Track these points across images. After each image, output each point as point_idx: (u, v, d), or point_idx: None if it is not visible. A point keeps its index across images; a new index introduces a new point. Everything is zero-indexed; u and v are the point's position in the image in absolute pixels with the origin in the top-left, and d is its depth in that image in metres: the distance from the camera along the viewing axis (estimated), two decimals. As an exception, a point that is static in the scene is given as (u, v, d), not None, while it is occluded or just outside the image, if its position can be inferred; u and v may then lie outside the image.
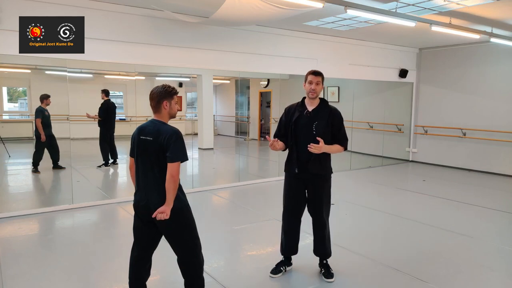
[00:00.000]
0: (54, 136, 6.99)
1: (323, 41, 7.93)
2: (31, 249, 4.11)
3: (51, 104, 7.14)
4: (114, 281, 3.42)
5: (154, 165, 2.59)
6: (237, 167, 9.42)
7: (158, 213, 2.52)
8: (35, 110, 6.99)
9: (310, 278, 3.47)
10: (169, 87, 2.68)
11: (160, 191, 2.56)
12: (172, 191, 2.52)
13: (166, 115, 2.68)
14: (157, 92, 2.65)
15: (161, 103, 2.64)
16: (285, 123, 3.39)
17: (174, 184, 2.53)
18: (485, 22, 6.46)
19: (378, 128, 9.96)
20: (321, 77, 3.30)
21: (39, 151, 7.08)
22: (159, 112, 2.66)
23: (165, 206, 2.52)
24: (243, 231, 4.71)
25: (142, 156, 2.65)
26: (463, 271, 3.67)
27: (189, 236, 2.72)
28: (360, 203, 5.95)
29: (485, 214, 5.59)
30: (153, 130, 2.61)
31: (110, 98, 8.37)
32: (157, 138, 2.56)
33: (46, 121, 6.99)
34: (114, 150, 8.25)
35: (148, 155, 2.61)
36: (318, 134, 3.22)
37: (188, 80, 11.79)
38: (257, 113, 13.52)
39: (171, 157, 2.52)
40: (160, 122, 2.65)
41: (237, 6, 4.65)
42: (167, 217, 2.52)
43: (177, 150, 2.53)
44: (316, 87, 3.26)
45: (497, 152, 8.37)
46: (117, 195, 6.73)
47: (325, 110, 3.31)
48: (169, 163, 2.52)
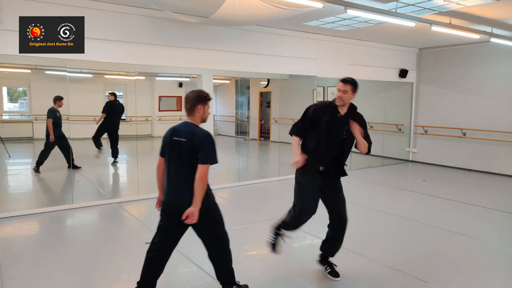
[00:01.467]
0: (65, 137, 7.01)
1: (323, 41, 7.93)
2: (31, 249, 4.11)
3: (52, 105, 7.14)
4: (114, 281, 3.42)
5: (186, 166, 2.68)
6: (237, 167, 9.42)
7: (188, 217, 2.61)
8: (48, 111, 7.01)
9: (310, 278, 3.47)
10: (205, 93, 2.81)
11: (191, 191, 2.64)
12: (200, 192, 2.62)
13: (199, 118, 2.80)
14: (192, 96, 2.78)
15: (195, 107, 2.76)
16: (310, 118, 3.29)
17: (203, 185, 2.64)
18: (485, 22, 6.46)
19: (378, 128, 9.96)
20: (349, 85, 3.20)
21: (46, 150, 7.10)
22: (192, 115, 2.79)
23: (192, 207, 2.61)
24: (243, 231, 4.71)
25: (174, 157, 2.75)
26: (463, 271, 3.67)
27: (219, 228, 2.87)
28: (360, 203, 5.94)
29: (485, 214, 5.59)
30: (186, 132, 2.73)
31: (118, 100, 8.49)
32: (190, 139, 2.67)
33: (58, 121, 7.04)
34: (116, 150, 8.26)
35: (181, 156, 2.70)
36: (347, 138, 3.24)
37: (188, 80, 11.78)
38: (257, 113, 13.52)
39: (203, 159, 2.63)
40: (192, 125, 2.78)
41: (237, 6, 4.65)
42: (195, 221, 2.63)
43: (209, 152, 2.65)
44: (343, 95, 3.20)
45: (497, 152, 8.37)
46: (117, 195, 6.73)
47: (355, 116, 3.31)
48: (200, 165, 2.63)
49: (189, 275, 3.14)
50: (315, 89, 8.32)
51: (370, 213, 5.55)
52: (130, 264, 3.71)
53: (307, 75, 7.98)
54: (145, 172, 6.64)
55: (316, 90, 9.30)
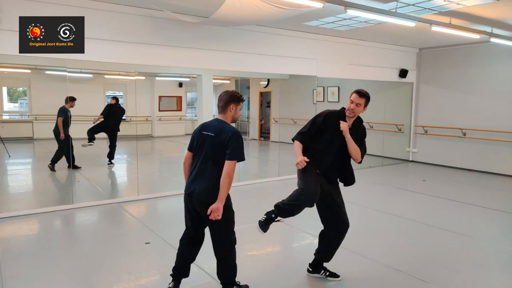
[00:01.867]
0: (70, 137, 7.04)
1: (323, 41, 7.93)
2: (31, 249, 4.10)
3: (52, 105, 7.15)
4: (114, 281, 3.42)
5: (211, 159, 2.78)
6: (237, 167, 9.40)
7: (212, 212, 2.67)
8: (59, 110, 7.05)
9: (310, 278, 3.47)
10: (238, 94, 2.93)
11: (209, 181, 2.74)
12: (226, 188, 2.70)
13: (230, 117, 2.92)
14: (226, 95, 2.90)
15: (228, 105, 2.89)
16: (319, 125, 3.25)
17: (229, 181, 2.72)
18: (485, 22, 6.45)
19: (378, 128, 9.96)
20: (364, 99, 3.19)
21: (61, 150, 7.14)
22: (225, 113, 2.91)
23: (217, 203, 2.69)
24: (243, 231, 4.70)
25: (200, 150, 2.85)
26: (463, 271, 3.67)
27: (230, 229, 2.91)
28: (360, 203, 5.94)
29: (485, 214, 5.59)
30: (216, 127, 2.84)
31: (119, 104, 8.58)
32: (219, 135, 2.78)
33: (67, 121, 7.06)
34: (112, 152, 8.26)
35: (207, 150, 2.81)
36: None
37: (188, 80, 11.78)
38: (257, 113, 13.52)
39: (230, 156, 2.72)
40: (223, 122, 2.89)
41: (237, 6, 4.65)
42: (219, 217, 2.69)
43: (237, 150, 2.74)
44: (356, 108, 3.19)
45: (497, 152, 8.37)
46: (117, 195, 6.73)
47: (359, 128, 3.33)
48: (227, 161, 2.72)
49: (189, 275, 3.15)
50: (315, 89, 8.33)
51: (370, 213, 5.55)
52: (130, 264, 3.71)
53: (307, 75, 7.98)
54: (145, 172, 6.65)
55: (316, 90, 9.31)
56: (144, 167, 7.00)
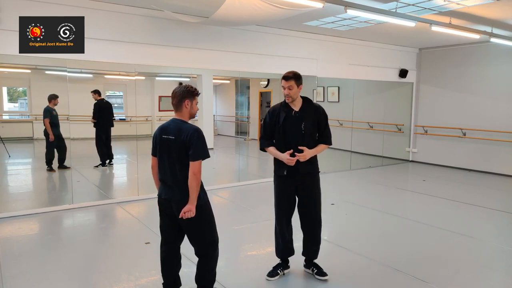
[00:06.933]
0: (62, 136, 7.01)
1: (323, 41, 7.93)
2: (31, 249, 4.10)
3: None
4: (114, 281, 3.42)
5: (177, 163, 2.67)
6: (237, 167, 9.42)
7: (184, 212, 2.61)
8: (43, 110, 7.02)
9: (310, 278, 3.47)
10: (192, 87, 2.76)
11: (181, 188, 2.65)
12: (195, 189, 2.62)
13: (187, 114, 2.76)
14: (179, 91, 2.73)
15: (182, 102, 2.72)
16: (269, 125, 3.34)
17: (197, 182, 2.63)
18: (485, 22, 6.46)
19: (378, 128, 9.96)
20: (292, 80, 3.21)
21: (49, 150, 7.11)
22: (180, 111, 2.74)
23: (189, 205, 2.61)
24: (243, 231, 4.71)
25: (164, 155, 2.73)
26: (463, 271, 3.67)
27: (208, 231, 2.81)
28: (360, 203, 5.95)
29: (485, 214, 5.59)
30: (174, 129, 2.69)
31: (104, 98, 8.35)
32: (179, 136, 2.65)
33: (54, 121, 7.04)
34: (110, 151, 8.25)
35: (171, 154, 2.69)
36: (307, 133, 3.24)
37: (188, 80, 11.78)
38: (257, 113, 13.53)
39: (193, 156, 2.61)
40: (181, 121, 2.73)
41: (237, 6, 4.65)
42: (193, 215, 2.62)
43: (199, 148, 2.62)
44: (290, 91, 3.23)
45: (497, 152, 8.37)
46: (117, 195, 6.73)
47: (310, 109, 3.31)
48: (191, 162, 2.61)
49: (189, 275, 3.14)
50: (315, 89, 8.32)
51: (370, 213, 5.55)
52: (130, 264, 3.71)
53: (307, 75, 7.96)
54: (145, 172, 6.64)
55: (316, 90, 9.30)
56: (144, 167, 6.97)
